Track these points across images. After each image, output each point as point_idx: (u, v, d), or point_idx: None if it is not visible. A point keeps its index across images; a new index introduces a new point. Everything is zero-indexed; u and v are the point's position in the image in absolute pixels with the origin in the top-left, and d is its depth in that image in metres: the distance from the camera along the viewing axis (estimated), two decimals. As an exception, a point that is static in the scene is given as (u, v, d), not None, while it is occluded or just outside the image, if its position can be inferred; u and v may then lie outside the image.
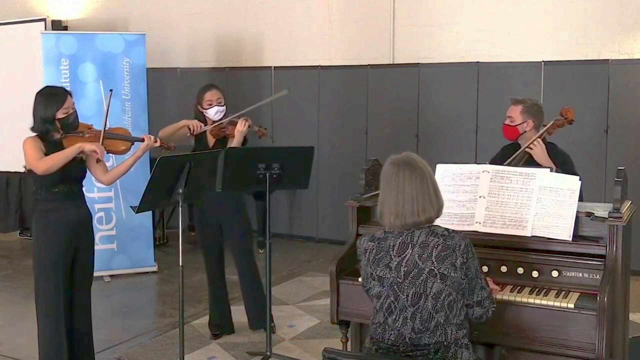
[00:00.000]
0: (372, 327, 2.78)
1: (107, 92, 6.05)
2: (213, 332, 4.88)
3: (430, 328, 2.63)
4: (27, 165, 3.76)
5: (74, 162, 3.76)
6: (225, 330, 4.90)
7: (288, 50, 7.98)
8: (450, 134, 7.01)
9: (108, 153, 3.96)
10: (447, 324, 2.63)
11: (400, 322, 2.66)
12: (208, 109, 4.65)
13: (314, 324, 5.13)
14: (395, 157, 2.75)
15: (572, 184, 3.11)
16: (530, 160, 3.94)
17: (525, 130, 4.06)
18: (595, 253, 3.01)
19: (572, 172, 3.54)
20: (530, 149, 3.96)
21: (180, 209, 3.79)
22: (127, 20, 8.89)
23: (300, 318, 5.27)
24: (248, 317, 4.90)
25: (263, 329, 4.58)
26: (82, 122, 3.91)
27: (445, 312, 2.62)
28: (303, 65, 7.77)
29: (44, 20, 8.03)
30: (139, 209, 3.68)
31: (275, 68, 7.95)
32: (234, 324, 4.94)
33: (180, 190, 3.69)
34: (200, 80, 5.96)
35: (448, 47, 7.14)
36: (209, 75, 7.96)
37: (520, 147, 4.03)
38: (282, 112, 7.70)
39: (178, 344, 3.80)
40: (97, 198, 6.25)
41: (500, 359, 3.11)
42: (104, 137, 3.92)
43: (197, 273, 5.94)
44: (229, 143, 4.60)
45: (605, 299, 2.79)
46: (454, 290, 2.63)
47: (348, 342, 3.49)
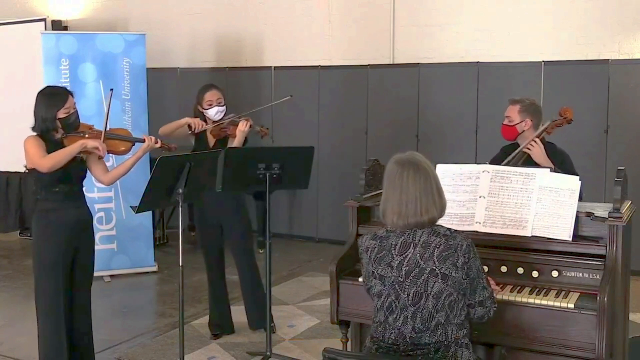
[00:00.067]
0: (372, 325, 2.78)
1: (107, 92, 6.05)
2: (213, 332, 4.88)
3: (431, 327, 2.63)
4: (29, 164, 3.75)
5: (75, 162, 3.76)
6: (225, 330, 4.90)
7: (288, 50, 7.98)
8: (450, 134, 7.01)
9: (108, 153, 3.95)
10: (447, 324, 2.63)
11: (401, 321, 2.66)
12: (208, 109, 4.65)
13: (314, 324, 5.13)
14: (400, 156, 2.73)
15: (572, 184, 3.11)
16: (529, 160, 3.93)
17: (524, 130, 4.06)
18: (595, 253, 3.01)
19: (571, 171, 3.54)
20: (529, 149, 3.95)
21: (180, 209, 3.79)
22: (127, 20, 8.89)
23: (300, 318, 5.27)
24: (248, 317, 4.89)
25: (263, 329, 4.58)
26: (82, 122, 3.92)
27: (446, 311, 2.62)
28: (303, 65, 7.77)
29: (44, 20, 8.03)
30: (139, 209, 3.68)
31: (275, 68, 7.95)
32: (234, 324, 4.94)
33: (180, 190, 3.69)
34: (200, 80, 5.95)
35: (448, 47, 7.14)
36: (209, 75, 7.96)
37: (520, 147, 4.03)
38: (282, 112, 7.69)
39: (178, 344, 3.80)
40: (97, 198, 6.25)
41: (500, 359, 3.11)
42: (105, 137, 3.92)
43: (197, 273, 5.95)
44: (229, 143, 4.60)
45: (605, 299, 2.79)
46: (455, 290, 2.63)
47: (348, 342, 3.49)
